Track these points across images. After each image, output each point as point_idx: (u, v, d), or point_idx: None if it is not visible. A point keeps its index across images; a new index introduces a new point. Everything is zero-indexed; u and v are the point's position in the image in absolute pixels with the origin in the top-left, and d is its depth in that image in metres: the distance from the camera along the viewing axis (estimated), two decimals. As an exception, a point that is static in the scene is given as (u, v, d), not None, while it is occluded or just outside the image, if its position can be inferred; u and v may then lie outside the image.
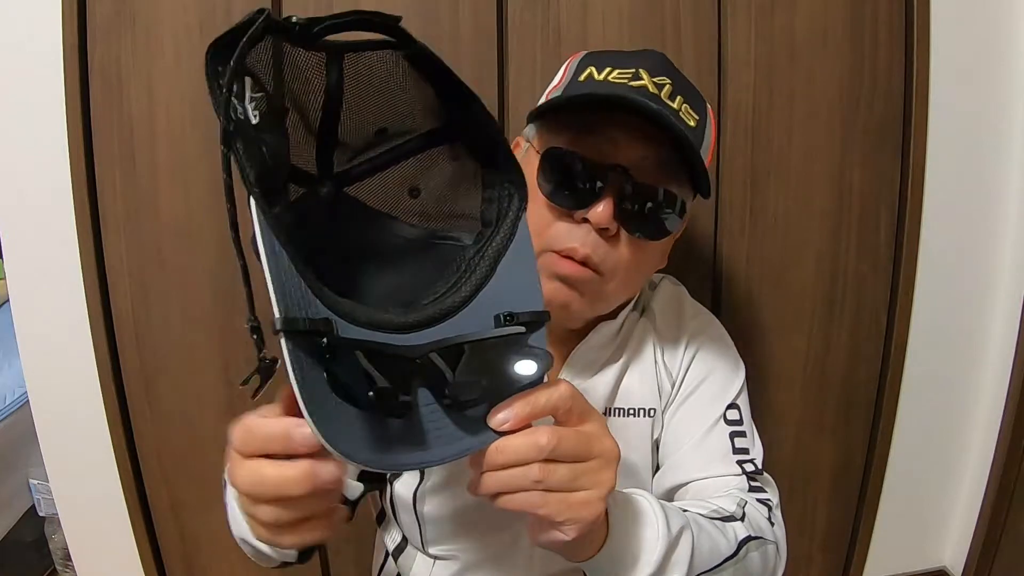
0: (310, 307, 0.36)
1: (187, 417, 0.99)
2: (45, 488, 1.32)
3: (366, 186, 0.46)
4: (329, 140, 0.43)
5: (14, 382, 1.55)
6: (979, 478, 1.25)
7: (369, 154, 0.45)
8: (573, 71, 0.61)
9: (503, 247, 0.44)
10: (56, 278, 0.93)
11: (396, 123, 0.44)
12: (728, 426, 0.67)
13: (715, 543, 0.54)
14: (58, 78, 0.86)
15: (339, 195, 0.45)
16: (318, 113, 0.42)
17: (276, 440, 0.36)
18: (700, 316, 0.73)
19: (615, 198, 0.55)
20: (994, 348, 1.21)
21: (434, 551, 0.69)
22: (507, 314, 0.42)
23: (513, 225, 0.45)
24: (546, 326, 0.44)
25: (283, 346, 0.33)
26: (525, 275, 0.44)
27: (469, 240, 0.45)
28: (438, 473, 0.66)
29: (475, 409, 0.40)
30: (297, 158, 0.42)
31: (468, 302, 0.42)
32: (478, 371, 0.40)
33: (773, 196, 1.04)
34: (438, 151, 0.46)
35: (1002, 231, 1.17)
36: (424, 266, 0.45)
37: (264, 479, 0.37)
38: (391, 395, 0.36)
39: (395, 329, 0.40)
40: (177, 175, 0.91)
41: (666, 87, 0.56)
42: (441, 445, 0.38)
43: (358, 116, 0.43)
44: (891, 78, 1.04)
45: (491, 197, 0.46)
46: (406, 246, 0.46)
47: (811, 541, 1.23)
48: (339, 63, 0.40)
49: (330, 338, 0.35)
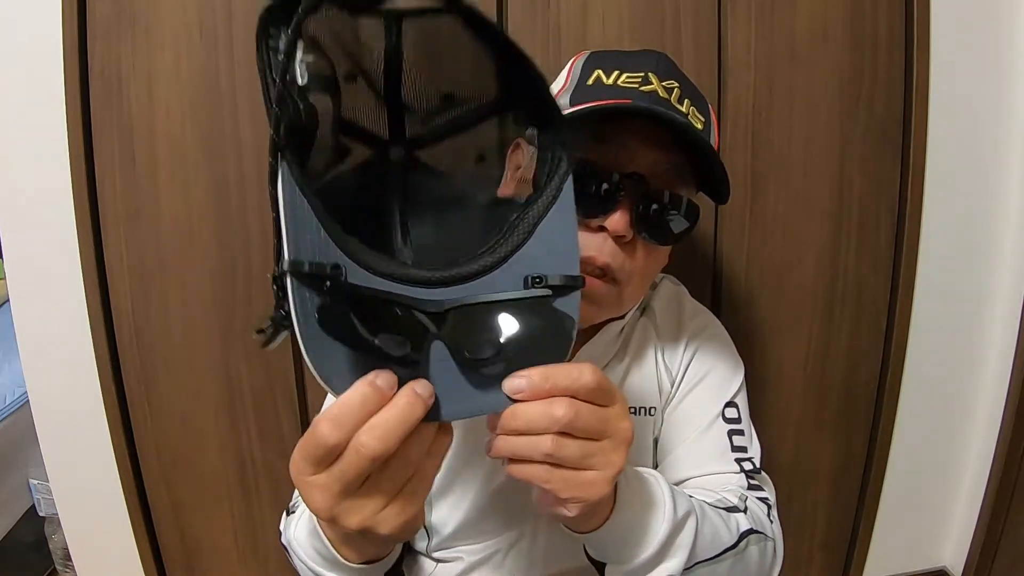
0: (327, 254, 0.36)
1: (187, 417, 0.99)
2: (45, 488, 1.32)
3: (436, 151, 0.46)
4: (397, 105, 0.44)
5: (14, 382, 1.55)
6: (979, 478, 1.25)
7: (438, 120, 0.45)
8: (579, 73, 0.60)
9: (545, 209, 0.44)
10: (56, 278, 0.93)
11: (460, 89, 0.45)
12: (726, 424, 0.67)
13: (717, 532, 0.54)
14: (58, 78, 0.87)
15: (410, 159, 0.45)
16: (380, 78, 0.42)
17: (364, 400, 0.34)
18: (700, 315, 0.73)
19: (631, 205, 0.55)
20: (994, 348, 1.21)
21: (438, 555, 0.70)
22: (536, 276, 0.42)
23: (557, 188, 0.44)
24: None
25: (288, 285, 0.34)
26: (565, 238, 0.44)
27: (522, 203, 0.46)
28: (444, 475, 0.66)
29: (490, 368, 0.39)
30: (368, 121, 0.43)
31: (503, 263, 0.42)
32: (496, 330, 0.40)
33: (773, 196, 1.05)
34: (502, 117, 0.46)
35: (1002, 231, 1.17)
36: (479, 227, 0.45)
37: (376, 431, 0.34)
38: (398, 344, 0.36)
39: (423, 283, 0.40)
40: (177, 175, 0.91)
41: (675, 91, 0.56)
42: (452, 401, 0.38)
43: (421, 81, 0.43)
44: (891, 78, 1.04)
45: (543, 159, 0.46)
46: (468, 209, 0.47)
47: (811, 541, 1.23)
48: (397, 28, 0.41)
49: (335, 282, 0.36)
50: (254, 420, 0.99)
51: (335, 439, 0.34)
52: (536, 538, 0.67)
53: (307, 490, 0.36)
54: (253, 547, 1.07)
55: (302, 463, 0.36)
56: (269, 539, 1.07)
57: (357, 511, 0.36)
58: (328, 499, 0.36)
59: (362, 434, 0.34)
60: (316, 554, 0.50)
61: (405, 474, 0.37)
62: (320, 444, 0.34)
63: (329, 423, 0.34)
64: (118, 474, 1.00)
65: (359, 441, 0.34)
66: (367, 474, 0.35)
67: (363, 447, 0.34)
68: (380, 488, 0.36)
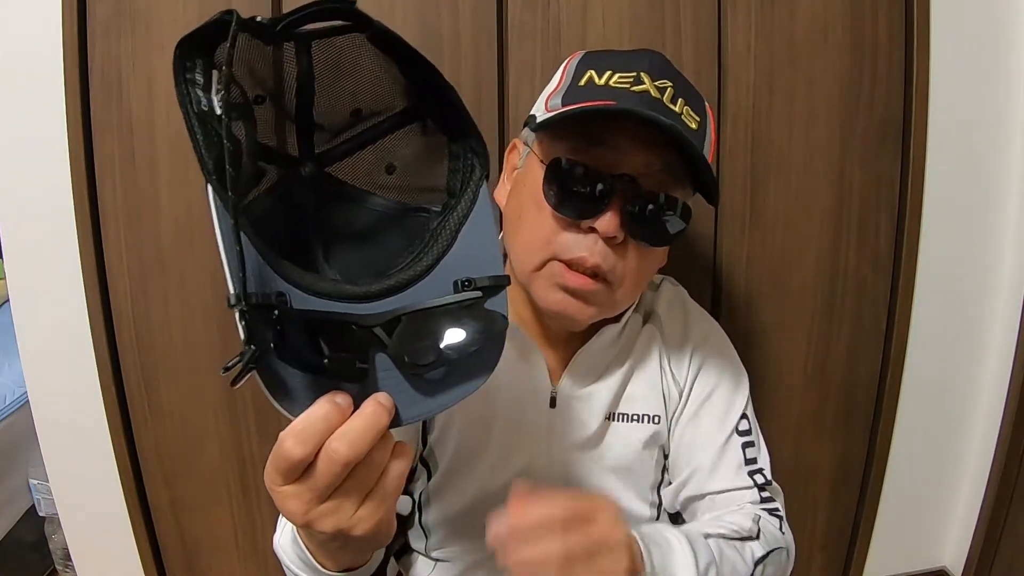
0: (269, 283, 0.38)
1: (187, 417, 0.99)
2: (45, 488, 1.32)
3: (345, 165, 0.48)
4: (307, 124, 0.45)
5: (14, 382, 1.55)
6: (979, 478, 1.25)
7: (347, 135, 0.47)
8: (572, 74, 0.60)
9: (464, 216, 0.45)
10: (56, 278, 0.93)
11: (369, 104, 0.46)
12: (740, 437, 0.68)
13: (736, 569, 0.56)
14: (58, 78, 0.86)
15: (321, 175, 0.47)
16: (293, 99, 0.44)
17: (327, 416, 0.36)
18: (704, 321, 0.74)
19: (622, 206, 0.55)
20: (994, 348, 1.21)
21: (436, 555, 0.70)
22: (465, 280, 0.43)
23: (473, 195, 0.46)
24: (543, 324, 0.45)
25: (237, 319, 0.35)
26: (485, 242, 0.45)
27: (438, 211, 0.47)
28: (441, 474, 0.66)
29: (433, 373, 0.41)
30: (277, 142, 0.45)
31: (430, 270, 0.44)
32: (436, 336, 0.41)
33: (773, 196, 1.05)
34: (411, 128, 0.48)
35: (1002, 231, 1.17)
36: (398, 238, 0.47)
37: (346, 438, 0.36)
38: (346, 361, 0.38)
39: (359, 299, 0.42)
40: (177, 175, 0.91)
41: (668, 90, 0.56)
42: (403, 407, 0.40)
43: (332, 99, 0.45)
44: (891, 78, 1.04)
45: (456, 168, 0.47)
46: (383, 220, 0.48)
47: (811, 541, 1.23)
48: (307, 50, 0.43)
49: (281, 310, 0.37)
50: (254, 420, 0.99)
51: (300, 454, 0.36)
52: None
53: (281, 500, 0.38)
54: (253, 547, 1.07)
55: (274, 474, 0.37)
56: (269, 539, 1.06)
57: (330, 515, 0.38)
58: (301, 506, 0.37)
59: (333, 440, 0.36)
60: (299, 560, 0.51)
61: (373, 476, 0.38)
62: (286, 458, 0.36)
63: (294, 439, 0.36)
64: (118, 474, 1.00)
65: (331, 447, 0.36)
66: (339, 480, 0.37)
67: (335, 453, 0.36)
68: (351, 492, 0.38)
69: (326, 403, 0.37)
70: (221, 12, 0.37)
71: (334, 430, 0.36)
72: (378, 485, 0.39)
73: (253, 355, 0.34)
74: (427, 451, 0.68)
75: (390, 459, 0.39)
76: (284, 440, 0.36)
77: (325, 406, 0.36)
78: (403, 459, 0.40)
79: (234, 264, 0.35)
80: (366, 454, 0.37)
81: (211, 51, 0.39)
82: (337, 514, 0.38)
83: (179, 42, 0.37)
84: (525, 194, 0.60)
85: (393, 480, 0.39)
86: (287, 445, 0.36)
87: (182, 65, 0.37)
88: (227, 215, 0.36)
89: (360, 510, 0.38)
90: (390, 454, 0.39)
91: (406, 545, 0.73)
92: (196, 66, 0.37)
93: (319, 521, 0.38)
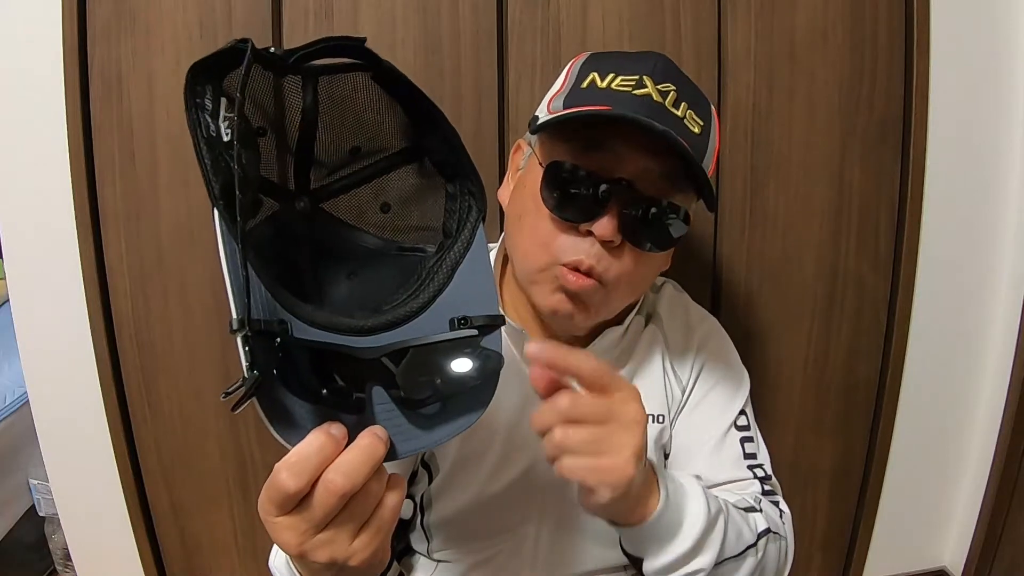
0: (271, 310, 0.38)
1: (187, 417, 0.99)
2: (45, 488, 1.32)
3: (341, 202, 0.48)
4: (307, 158, 0.46)
5: (14, 382, 1.55)
6: (979, 478, 1.25)
7: (344, 172, 0.48)
8: (575, 77, 0.60)
9: (460, 256, 0.46)
10: (56, 278, 0.93)
11: (369, 142, 0.47)
12: (738, 432, 0.68)
13: (741, 531, 0.56)
14: (58, 78, 0.86)
15: (315, 209, 0.47)
16: (295, 132, 0.45)
17: (321, 448, 0.37)
18: (705, 322, 0.74)
19: (619, 211, 0.55)
20: (994, 348, 1.21)
21: (438, 556, 0.70)
22: (461, 318, 0.44)
23: (470, 235, 0.47)
24: (544, 330, 0.46)
25: (239, 345, 0.35)
26: (481, 281, 0.46)
27: (433, 250, 0.48)
28: (444, 476, 0.66)
29: (429, 408, 0.42)
30: (275, 174, 0.45)
31: (427, 307, 0.45)
32: (432, 372, 0.42)
33: (773, 196, 1.04)
34: (408, 169, 0.49)
35: (1002, 231, 1.17)
36: (391, 275, 0.48)
37: (342, 469, 0.36)
38: (343, 393, 0.39)
39: (355, 332, 0.42)
40: (177, 175, 0.91)
41: (671, 94, 0.55)
42: (399, 441, 0.40)
43: (333, 136, 0.46)
44: (891, 78, 1.04)
45: (452, 209, 0.48)
46: (377, 257, 0.49)
47: (811, 541, 1.23)
48: (314, 85, 0.43)
49: (283, 338, 0.37)
50: (254, 420, 0.99)
51: (295, 487, 0.36)
52: (539, 542, 0.67)
53: (276, 531, 0.38)
54: (253, 547, 1.07)
55: (268, 505, 0.37)
56: (269, 539, 1.06)
57: (325, 546, 0.38)
58: (296, 537, 0.37)
59: (330, 471, 0.36)
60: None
61: (369, 508, 0.39)
62: (281, 490, 0.36)
63: (288, 471, 0.36)
64: (118, 474, 1.00)
65: (327, 478, 0.36)
66: (335, 511, 0.37)
67: (332, 483, 0.36)
68: (346, 523, 0.38)
69: (321, 434, 0.37)
70: (235, 40, 0.37)
71: (329, 462, 0.36)
72: (373, 516, 0.39)
73: (256, 381, 0.34)
74: (428, 453, 0.68)
75: (385, 491, 0.39)
76: (279, 472, 0.36)
77: (320, 437, 0.37)
78: (398, 491, 0.40)
79: (238, 289, 0.35)
80: (362, 485, 0.37)
81: (221, 77, 0.39)
82: (332, 545, 0.38)
83: (191, 67, 0.37)
84: (526, 195, 0.60)
85: (388, 511, 0.39)
86: (282, 477, 0.36)
87: (192, 90, 0.37)
88: (232, 240, 0.36)
89: (355, 541, 0.38)
90: (385, 486, 0.39)
91: (408, 547, 0.73)
92: (206, 92, 0.38)
93: (314, 552, 0.38)
